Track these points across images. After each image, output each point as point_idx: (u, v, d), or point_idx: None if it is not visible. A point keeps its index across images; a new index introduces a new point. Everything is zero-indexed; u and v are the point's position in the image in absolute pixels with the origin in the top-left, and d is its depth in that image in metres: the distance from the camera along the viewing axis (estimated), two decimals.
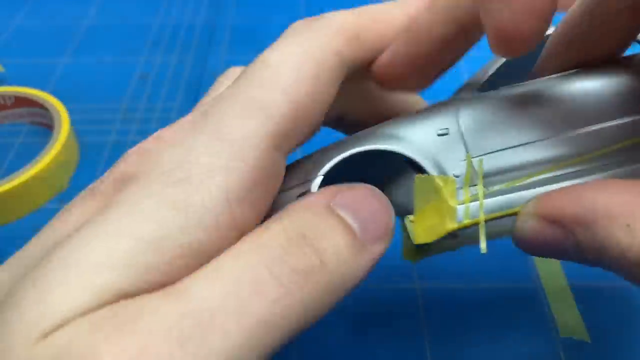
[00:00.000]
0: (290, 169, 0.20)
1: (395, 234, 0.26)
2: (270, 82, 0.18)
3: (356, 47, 0.20)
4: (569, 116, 0.19)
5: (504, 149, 0.19)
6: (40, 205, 0.38)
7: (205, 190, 0.16)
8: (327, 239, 0.17)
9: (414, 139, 0.20)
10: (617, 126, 0.19)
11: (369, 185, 0.19)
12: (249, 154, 0.17)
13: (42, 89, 0.44)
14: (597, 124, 0.19)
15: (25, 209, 0.38)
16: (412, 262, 0.26)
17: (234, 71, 0.24)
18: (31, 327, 0.14)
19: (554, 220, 0.17)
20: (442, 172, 0.19)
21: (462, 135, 0.20)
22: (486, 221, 0.19)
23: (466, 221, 0.19)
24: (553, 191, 0.18)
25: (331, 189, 0.18)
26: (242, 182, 0.17)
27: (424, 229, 0.19)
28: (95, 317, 0.14)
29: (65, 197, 0.39)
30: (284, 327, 0.16)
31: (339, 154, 0.19)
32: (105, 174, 0.20)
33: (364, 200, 0.18)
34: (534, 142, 0.19)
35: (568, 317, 0.31)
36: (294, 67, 0.19)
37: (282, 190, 0.20)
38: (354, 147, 0.20)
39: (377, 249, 0.18)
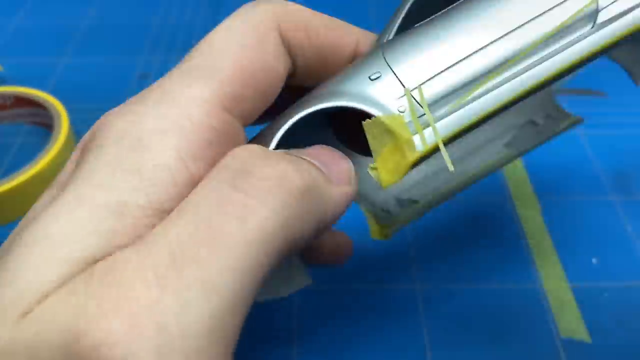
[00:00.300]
0: None
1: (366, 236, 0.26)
2: (215, 51, 0.19)
3: (295, 35, 0.21)
4: (490, 22, 0.20)
5: (437, 74, 0.20)
6: None
7: (157, 150, 0.16)
8: (296, 161, 0.17)
9: (351, 90, 0.20)
10: (541, 19, 0.20)
11: (322, 145, 0.20)
12: (195, 113, 0.17)
13: (42, 89, 0.44)
14: (522, 24, 0.20)
15: (25, 209, 0.37)
16: (385, 239, 0.26)
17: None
18: (8, 309, 0.14)
19: None
20: (388, 112, 0.19)
21: (394, 74, 0.20)
22: (444, 143, 0.19)
23: (426, 147, 0.19)
24: None
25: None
26: (193, 141, 0.17)
27: (388, 170, 0.19)
28: (71, 284, 0.14)
29: None
30: (264, 244, 0.15)
31: (285, 124, 0.20)
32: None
33: (320, 150, 0.19)
34: (463, 59, 0.20)
35: (568, 317, 0.31)
36: (237, 36, 0.19)
37: None
38: (297, 113, 0.20)
39: (345, 189, 0.18)
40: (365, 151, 0.22)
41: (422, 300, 0.32)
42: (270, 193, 0.15)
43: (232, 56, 0.19)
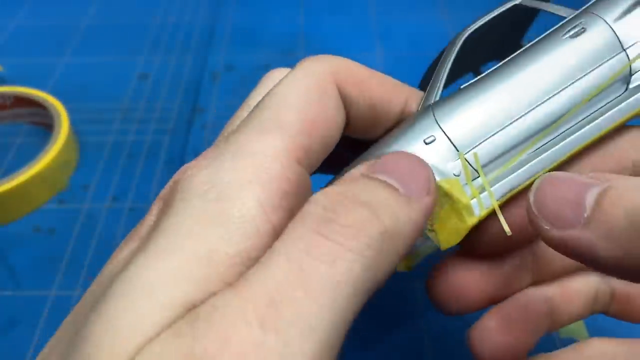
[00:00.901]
0: None
1: None
2: (283, 105, 0.20)
3: (351, 90, 0.22)
4: (532, 86, 0.21)
5: (488, 137, 0.21)
6: (40, 205, 0.38)
7: (240, 202, 0.17)
8: (371, 195, 0.17)
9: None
10: (579, 84, 0.21)
11: (399, 150, 0.20)
12: (271, 166, 0.18)
13: (42, 88, 0.44)
14: (562, 88, 0.21)
15: (25, 209, 0.38)
16: (408, 270, 0.27)
17: (279, 72, 0.24)
18: (115, 353, 0.14)
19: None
20: (444, 175, 0.20)
21: (448, 138, 0.21)
22: (500, 206, 0.20)
23: (483, 212, 0.20)
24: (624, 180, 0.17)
25: (361, 163, 0.19)
26: (271, 191, 0.18)
27: (447, 233, 0.20)
28: (176, 327, 0.15)
29: (65, 196, 0.39)
30: (353, 284, 0.16)
31: None
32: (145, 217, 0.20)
33: (397, 161, 0.19)
34: (512, 121, 0.21)
35: None
36: (301, 91, 0.20)
37: None
38: None
39: (424, 201, 0.18)
40: None
41: (422, 300, 0.32)
42: (353, 238, 0.16)
43: (298, 110, 0.20)
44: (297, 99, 0.20)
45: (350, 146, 0.24)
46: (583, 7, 0.22)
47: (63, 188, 0.40)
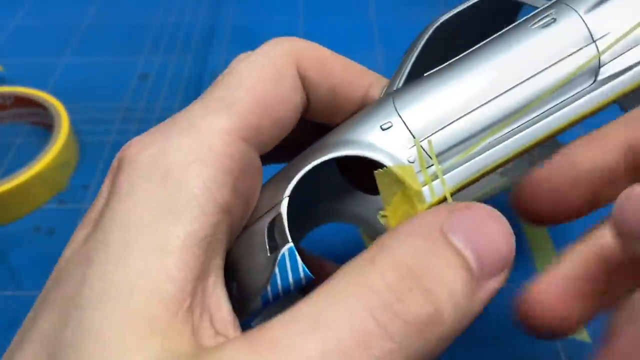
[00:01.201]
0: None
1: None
2: (235, 83, 0.20)
3: (312, 73, 0.22)
4: (496, 75, 0.21)
5: (446, 125, 0.20)
6: (40, 205, 0.38)
7: (184, 184, 0.17)
8: (442, 281, 0.15)
9: (363, 139, 0.21)
10: (545, 75, 0.20)
11: (485, 206, 0.17)
12: (216, 143, 0.18)
13: (42, 88, 0.44)
14: (527, 78, 0.20)
15: (25, 209, 0.38)
16: None
17: (244, 55, 0.24)
18: None
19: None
20: (398, 162, 0.20)
21: (404, 124, 0.20)
22: (452, 194, 0.20)
23: (434, 199, 0.20)
24: None
25: (443, 208, 0.17)
26: (215, 170, 0.18)
27: (397, 219, 0.20)
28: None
29: (65, 196, 0.39)
30: None
31: (299, 171, 0.20)
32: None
33: (481, 224, 0.16)
34: (470, 111, 0.20)
35: None
36: (256, 70, 0.20)
37: (252, 222, 0.21)
38: (311, 161, 0.20)
39: (493, 286, 0.16)
40: (370, 191, 0.22)
41: None
42: (406, 336, 0.14)
43: (250, 89, 0.20)
44: (249, 78, 0.20)
45: (311, 132, 0.23)
46: None
47: (63, 188, 0.40)
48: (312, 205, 0.27)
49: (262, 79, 0.20)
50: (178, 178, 0.17)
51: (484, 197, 0.29)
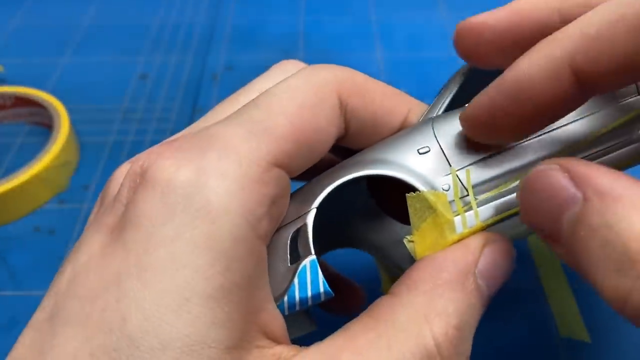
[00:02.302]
0: None
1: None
2: (275, 108, 0.19)
3: (353, 101, 0.21)
4: None
5: (483, 158, 0.20)
6: (40, 205, 0.38)
7: (228, 219, 0.17)
8: (471, 325, 0.18)
9: (399, 160, 0.20)
10: (584, 122, 0.20)
11: (505, 241, 0.20)
12: (256, 171, 0.18)
13: (42, 88, 0.44)
14: (566, 122, 0.20)
15: (25, 209, 0.38)
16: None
17: (291, 65, 0.24)
18: None
19: (576, 177, 0.16)
20: (432, 188, 0.20)
21: (442, 151, 0.20)
22: (484, 228, 0.19)
23: (465, 231, 0.19)
24: (587, 161, 0.17)
25: (475, 246, 0.19)
26: (255, 201, 0.18)
27: (425, 246, 0.20)
28: None
29: (65, 196, 0.39)
30: None
31: (330, 184, 0.20)
32: (110, 201, 0.19)
33: (500, 263, 0.19)
34: (510, 147, 0.20)
35: (568, 317, 0.31)
36: (298, 96, 0.20)
37: (277, 229, 0.20)
38: (343, 176, 0.20)
39: (489, 302, 0.19)
40: (398, 216, 0.22)
41: None
42: None
43: (291, 116, 0.19)
44: (291, 104, 0.20)
45: (340, 154, 0.23)
46: None
47: (63, 188, 0.40)
48: (334, 227, 0.27)
49: (303, 107, 0.20)
50: (219, 212, 0.17)
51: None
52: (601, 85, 0.17)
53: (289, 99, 0.20)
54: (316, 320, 0.22)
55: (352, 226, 0.26)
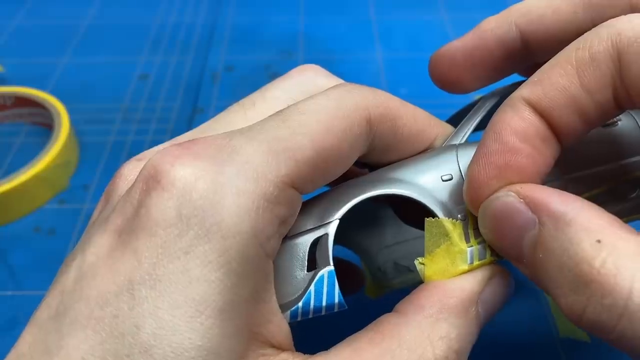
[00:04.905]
0: (301, 211, 0.21)
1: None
2: (301, 127, 0.19)
3: (382, 127, 0.21)
4: (565, 160, 0.20)
5: None
6: (40, 205, 0.38)
7: (237, 238, 0.17)
8: (467, 349, 0.19)
9: (422, 184, 0.21)
10: (605, 170, 0.21)
11: (510, 275, 0.21)
12: (272, 192, 0.18)
13: (42, 89, 0.44)
14: (587, 168, 0.21)
15: (25, 209, 0.38)
16: (373, 298, 0.28)
17: (313, 72, 0.24)
18: None
19: (531, 202, 0.17)
20: (449, 215, 0.20)
21: (464, 180, 0.20)
22: (493, 262, 0.20)
23: (476, 263, 0.20)
24: (542, 186, 0.18)
25: (481, 280, 0.20)
26: (267, 220, 0.18)
27: (435, 271, 0.20)
28: None
29: (65, 196, 0.39)
30: None
31: (355, 198, 0.20)
32: (119, 201, 0.19)
33: (500, 292, 0.21)
34: None
35: None
36: (327, 120, 0.19)
37: (296, 235, 0.20)
38: (369, 191, 0.21)
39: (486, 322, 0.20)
40: (408, 221, 0.23)
41: None
42: None
43: (315, 139, 0.19)
44: (318, 127, 0.19)
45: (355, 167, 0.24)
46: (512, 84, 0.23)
47: (63, 188, 0.40)
48: None
49: (328, 131, 0.19)
50: (232, 230, 0.17)
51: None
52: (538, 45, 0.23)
53: (317, 121, 0.19)
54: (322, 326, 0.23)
55: (345, 227, 0.27)
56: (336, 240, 0.27)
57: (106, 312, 0.16)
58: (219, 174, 0.17)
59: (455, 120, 0.24)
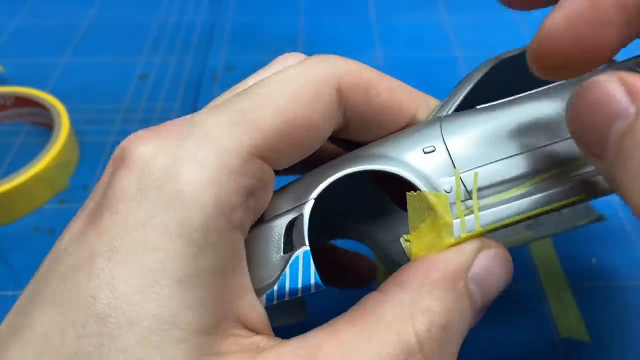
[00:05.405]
0: (277, 195, 0.21)
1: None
2: (265, 98, 0.19)
3: (354, 96, 0.21)
4: (552, 128, 0.20)
5: (490, 163, 0.20)
6: (40, 205, 0.38)
7: (199, 208, 0.17)
8: (460, 332, 0.18)
9: (402, 158, 0.20)
10: None
11: (501, 247, 0.19)
12: (234, 162, 0.18)
13: (42, 88, 0.44)
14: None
15: (25, 209, 0.38)
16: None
17: (292, 58, 0.23)
18: None
19: (633, 91, 0.16)
20: (433, 188, 0.19)
21: (448, 152, 0.20)
22: (483, 234, 0.19)
23: (463, 235, 0.19)
24: None
25: (469, 252, 0.19)
26: (230, 190, 0.17)
27: (421, 246, 0.19)
28: None
29: (65, 196, 0.39)
30: None
31: (330, 177, 0.20)
32: (95, 187, 0.20)
33: (496, 270, 0.19)
34: (517, 154, 0.20)
35: (568, 317, 0.31)
36: (292, 89, 0.19)
37: (272, 218, 0.20)
38: (344, 169, 0.20)
39: (483, 311, 0.19)
40: (398, 203, 0.22)
41: None
42: None
43: (280, 109, 0.19)
44: (283, 97, 0.19)
45: (341, 146, 0.23)
46: (634, 57, 0.21)
47: (63, 188, 0.40)
48: (334, 217, 0.27)
49: (295, 101, 0.19)
50: (192, 200, 0.17)
51: (508, 246, 0.29)
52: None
53: (281, 90, 0.19)
54: (310, 312, 0.22)
55: (356, 219, 0.26)
56: (350, 235, 0.27)
57: (67, 285, 0.16)
58: (178, 148, 0.18)
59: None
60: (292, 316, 0.22)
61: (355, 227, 0.26)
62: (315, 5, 0.57)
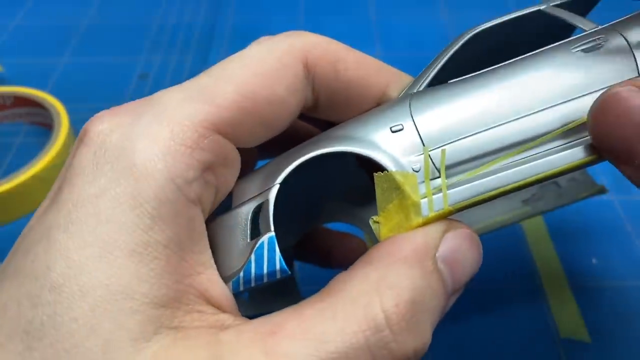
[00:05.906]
0: (244, 181, 0.21)
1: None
2: (224, 74, 0.19)
3: (322, 70, 0.20)
4: (522, 101, 0.19)
5: (459, 139, 0.19)
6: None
7: (151, 179, 0.17)
8: (430, 312, 0.17)
9: (370, 138, 0.19)
10: (565, 108, 0.18)
11: (467, 228, 0.19)
12: (188, 136, 0.18)
13: (42, 88, 0.44)
14: (546, 107, 0.19)
15: (25, 209, 0.38)
16: None
17: (269, 39, 0.24)
18: None
19: None
20: (401, 168, 0.19)
21: (416, 129, 0.19)
22: (452, 213, 0.18)
23: (432, 214, 0.18)
24: None
25: (436, 232, 0.18)
26: (184, 163, 0.17)
27: (390, 227, 0.19)
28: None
29: None
30: None
31: (294, 161, 0.19)
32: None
33: (464, 250, 0.18)
34: (487, 129, 0.19)
35: (568, 317, 0.31)
36: (253, 64, 0.19)
37: (239, 204, 0.20)
38: (310, 152, 0.19)
39: (456, 297, 0.19)
40: None
41: None
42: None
43: (240, 83, 0.19)
44: (243, 71, 0.19)
45: (319, 127, 0.22)
46: (610, 23, 0.20)
47: None
48: (321, 200, 0.26)
49: (256, 75, 0.19)
50: (143, 173, 0.17)
51: (499, 224, 0.28)
52: None
53: (242, 66, 0.19)
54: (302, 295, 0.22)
55: (345, 201, 0.26)
56: (338, 218, 0.26)
57: (27, 259, 0.16)
58: (133, 125, 0.18)
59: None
60: (288, 300, 0.22)
61: (344, 209, 0.26)
62: (315, 5, 0.57)
